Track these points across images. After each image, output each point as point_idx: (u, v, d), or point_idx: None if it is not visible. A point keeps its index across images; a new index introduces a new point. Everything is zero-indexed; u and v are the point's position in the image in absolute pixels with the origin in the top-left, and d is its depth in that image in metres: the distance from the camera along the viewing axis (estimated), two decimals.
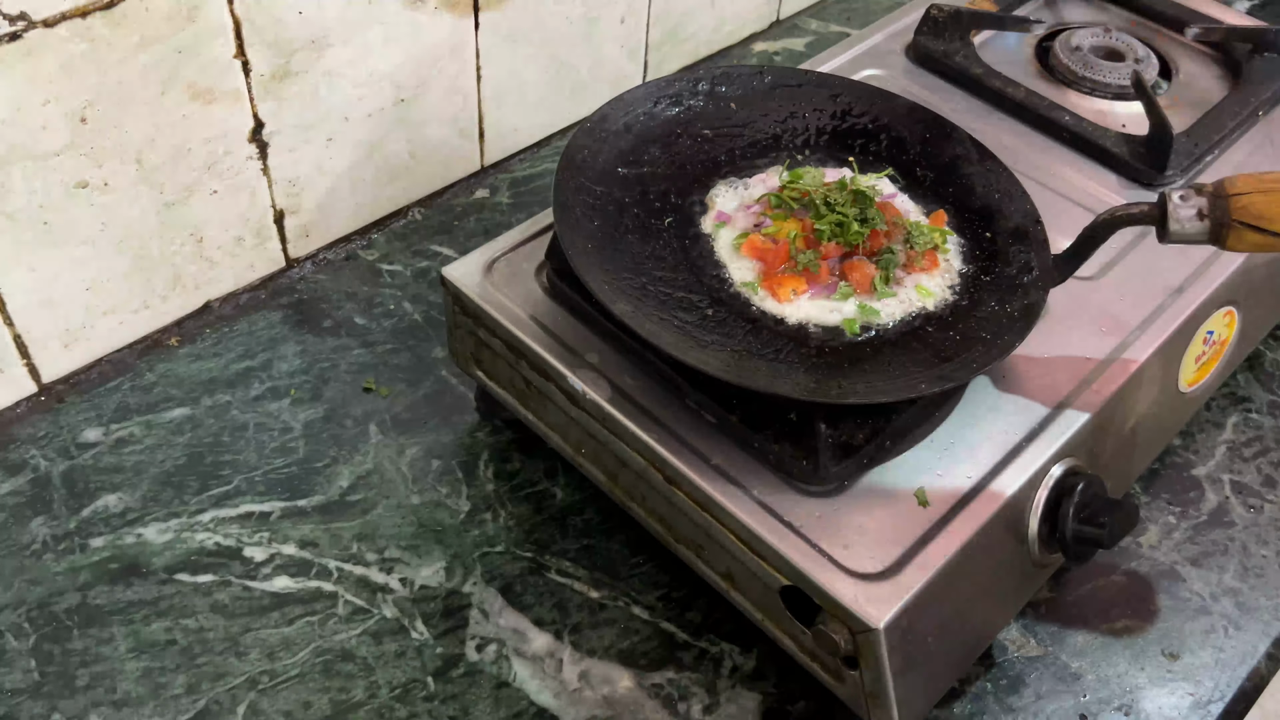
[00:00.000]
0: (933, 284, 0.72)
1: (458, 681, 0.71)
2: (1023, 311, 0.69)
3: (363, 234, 0.99)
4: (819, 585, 0.60)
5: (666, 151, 0.78)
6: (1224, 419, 0.87)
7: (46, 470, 0.80)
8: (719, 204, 0.76)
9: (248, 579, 0.75)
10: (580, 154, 0.74)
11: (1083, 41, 0.96)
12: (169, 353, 0.88)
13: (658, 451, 0.66)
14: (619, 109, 0.78)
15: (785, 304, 0.70)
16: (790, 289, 0.70)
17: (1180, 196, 0.62)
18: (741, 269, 0.72)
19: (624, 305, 0.67)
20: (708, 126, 0.80)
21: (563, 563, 0.77)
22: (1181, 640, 0.74)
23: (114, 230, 0.81)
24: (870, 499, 0.64)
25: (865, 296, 0.70)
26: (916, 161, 0.80)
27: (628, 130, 0.78)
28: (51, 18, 0.70)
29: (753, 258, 0.72)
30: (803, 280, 0.70)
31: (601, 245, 0.71)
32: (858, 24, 1.24)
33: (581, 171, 0.74)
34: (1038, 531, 0.67)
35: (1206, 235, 0.62)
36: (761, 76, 0.82)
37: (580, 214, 0.72)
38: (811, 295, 0.70)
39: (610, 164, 0.76)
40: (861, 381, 0.66)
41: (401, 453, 0.82)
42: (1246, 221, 0.59)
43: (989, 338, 0.68)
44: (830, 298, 0.70)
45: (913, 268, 0.72)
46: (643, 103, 0.79)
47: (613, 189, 0.75)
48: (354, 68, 0.88)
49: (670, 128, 0.79)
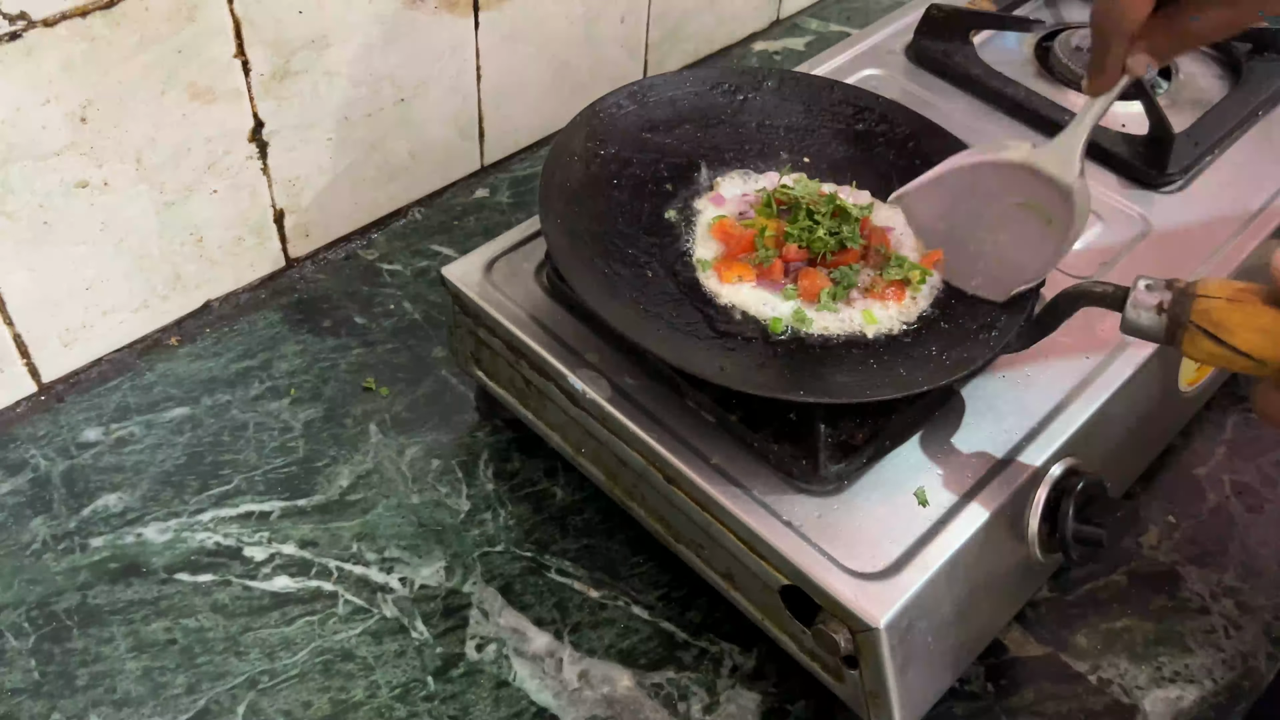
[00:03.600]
0: (884, 314, 0.71)
1: (458, 681, 0.71)
2: (955, 362, 0.67)
3: (363, 234, 0.99)
4: (819, 585, 0.61)
5: (700, 131, 0.81)
6: (1224, 419, 0.87)
7: (46, 470, 0.80)
8: (723, 188, 0.78)
9: (248, 579, 0.75)
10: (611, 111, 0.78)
11: (1083, 41, 0.96)
12: (169, 352, 0.88)
13: (658, 451, 0.66)
14: (665, 84, 0.81)
15: (726, 284, 0.72)
16: (736, 274, 0.72)
17: (1146, 286, 0.58)
18: (705, 246, 0.74)
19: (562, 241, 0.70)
20: (750, 120, 0.82)
21: (563, 562, 0.77)
22: (1181, 640, 0.74)
23: (114, 230, 0.81)
24: (870, 499, 0.64)
25: (806, 304, 0.71)
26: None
27: (671, 102, 0.81)
28: (51, 17, 0.70)
29: (718, 239, 0.74)
30: (751, 269, 0.72)
31: (584, 198, 0.74)
32: (858, 24, 1.24)
33: (590, 128, 0.77)
34: (1038, 531, 0.67)
35: (1161, 333, 0.57)
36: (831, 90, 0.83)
37: (579, 155, 0.75)
38: (755, 285, 0.72)
39: (633, 127, 0.79)
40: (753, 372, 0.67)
41: (401, 452, 0.82)
42: (1203, 327, 0.55)
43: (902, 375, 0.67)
44: (772, 293, 0.72)
45: (873, 294, 0.72)
46: (697, 84, 0.82)
47: (628, 152, 0.78)
48: (354, 68, 0.88)
49: (716, 113, 0.82)
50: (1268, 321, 0.53)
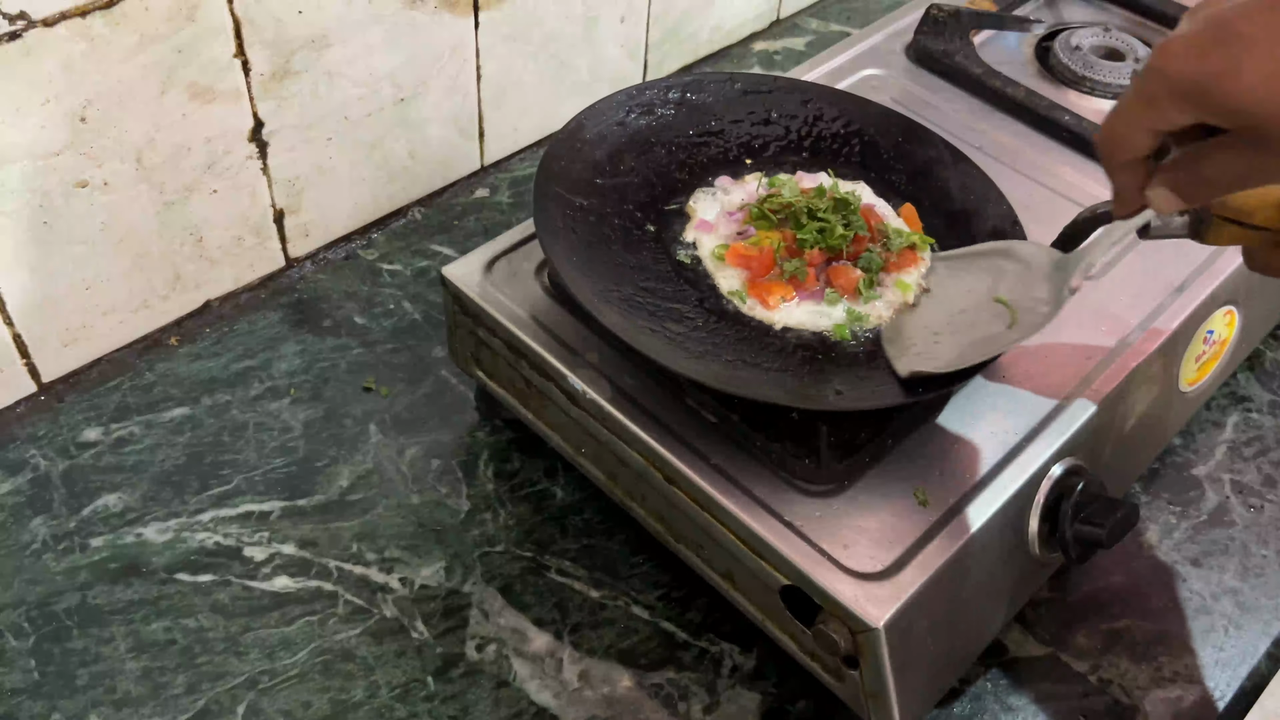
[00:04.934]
0: (910, 278, 0.72)
1: (458, 681, 0.71)
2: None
3: (362, 233, 0.99)
4: (819, 585, 0.60)
5: (641, 161, 0.78)
6: (1224, 419, 0.87)
7: (46, 470, 0.80)
8: (700, 212, 0.76)
9: (247, 579, 0.75)
10: (556, 164, 0.74)
11: (1083, 41, 0.96)
12: (169, 352, 0.88)
13: (658, 451, 0.66)
14: (592, 119, 0.77)
15: (774, 311, 0.70)
16: (779, 296, 0.70)
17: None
18: (728, 277, 0.72)
19: (614, 318, 0.67)
20: (680, 134, 0.80)
21: (563, 562, 0.77)
22: (1181, 640, 0.74)
23: (114, 230, 0.81)
24: (870, 499, 0.64)
25: (851, 300, 0.71)
26: (890, 165, 0.81)
27: (602, 140, 0.77)
28: (51, 17, 0.70)
29: (737, 266, 0.72)
30: (790, 287, 0.71)
31: (586, 258, 0.71)
32: (858, 24, 1.24)
33: (559, 182, 0.74)
34: (1038, 531, 0.67)
35: (1186, 229, 0.61)
36: (732, 83, 0.82)
37: (562, 225, 0.72)
38: (800, 301, 0.71)
39: (587, 174, 0.75)
40: (859, 388, 0.66)
41: (401, 452, 0.82)
42: (1226, 216, 0.58)
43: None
44: (819, 303, 0.71)
45: (891, 267, 0.72)
46: (615, 111, 0.79)
47: (591, 199, 0.75)
48: (354, 67, 0.88)
49: (644, 136, 0.79)
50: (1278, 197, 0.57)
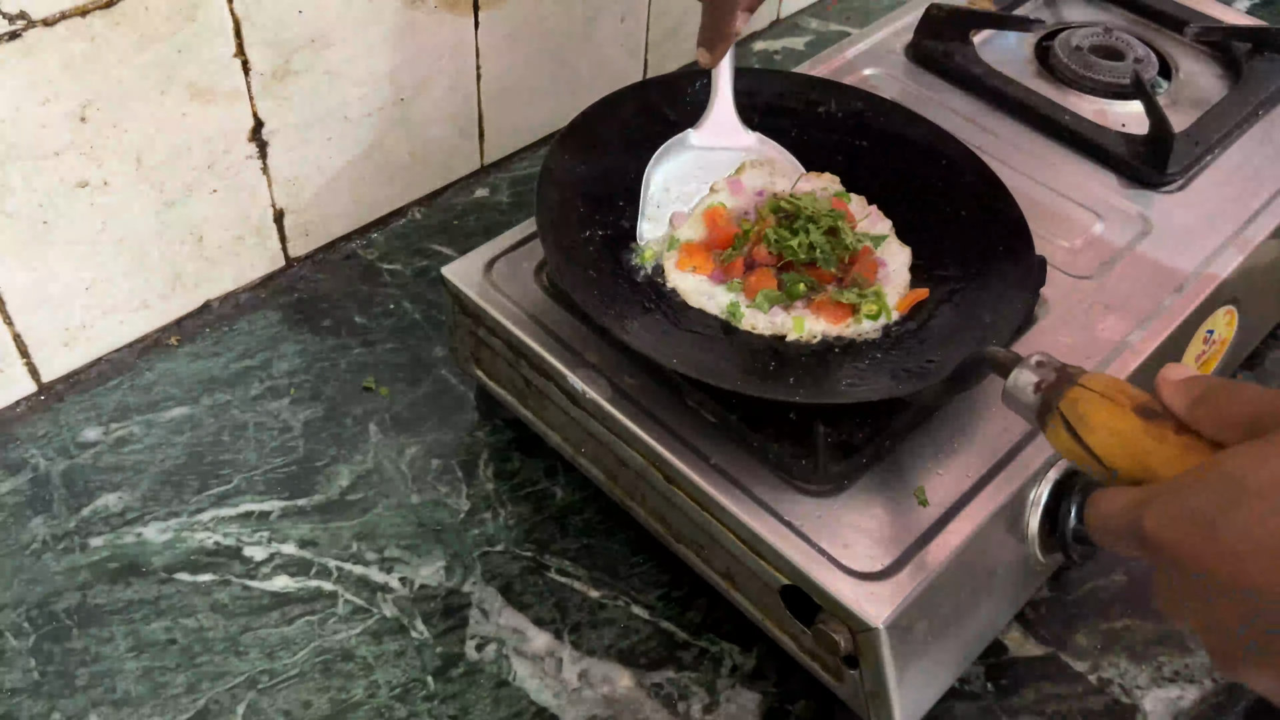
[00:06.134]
0: (814, 326, 0.72)
1: (458, 681, 0.71)
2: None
3: (362, 233, 0.99)
4: (819, 585, 0.60)
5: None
6: None
7: (46, 469, 0.80)
8: (746, 175, 0.79)
9: (247, 578, 0.75)
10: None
11: (1083, 41, 0.96)
12: (169, 352, 0.88)
13: (658, 451, 0.66)
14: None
15: (678, 270, 0.74)
16: (693, 263, 0.73)
17: (1037, 362, 0.55)
18: (693, 229, 0.76)
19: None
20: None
21: (563, 562, 0.77)
22: (1182, 640, 0.74)
23: (114, 230, 0.81)
24: (870, 499, 0.64)
25: (743, 299, 0.72)
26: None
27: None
28: (51, 17, 0.70)
29: (706, 225, 0.76)
30: (711, 265, 0.74)
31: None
32: (858, 23, 1.24)
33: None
34: (1038, 531, 0.67)
35: (1033, 412, 0.55)
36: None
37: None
38: (705, 277, 0.74)
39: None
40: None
41: (401, 452, 0.82)
42: (1066, 417, 0.52)
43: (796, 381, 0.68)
44: (717, 284, 0.73)
45: (813, 306, 0.72)
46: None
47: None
48: (354, 67, 0.88)
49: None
50: (1126, 428, 0.49)
